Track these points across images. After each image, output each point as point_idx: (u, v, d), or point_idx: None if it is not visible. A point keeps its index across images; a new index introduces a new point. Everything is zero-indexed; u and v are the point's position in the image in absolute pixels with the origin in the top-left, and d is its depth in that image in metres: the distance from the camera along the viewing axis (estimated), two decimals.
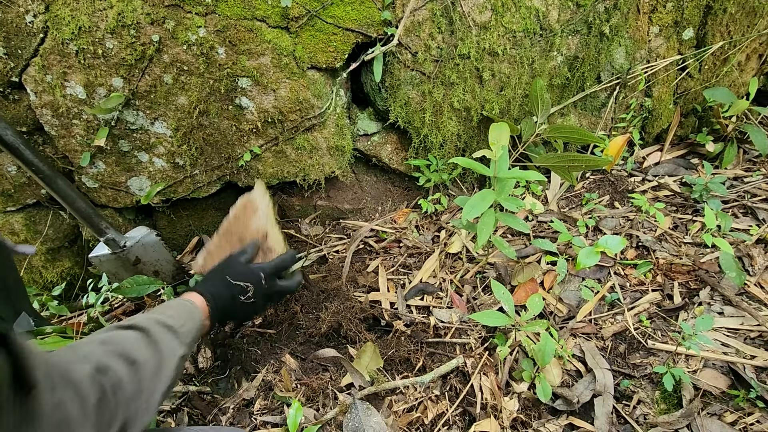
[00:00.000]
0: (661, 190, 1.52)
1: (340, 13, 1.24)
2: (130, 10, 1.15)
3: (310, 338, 1.22)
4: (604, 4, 1.36)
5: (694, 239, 1.31)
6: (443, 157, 1.53)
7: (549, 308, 1.21)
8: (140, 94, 1.27)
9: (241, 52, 1.23)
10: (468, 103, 1.43)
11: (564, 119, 1.56)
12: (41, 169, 0.81)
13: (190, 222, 1.65)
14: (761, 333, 1.05)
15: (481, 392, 1.03)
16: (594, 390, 1.02)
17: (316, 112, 1.36)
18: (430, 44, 1.33)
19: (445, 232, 1.51)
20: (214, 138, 1.37)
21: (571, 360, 1.09)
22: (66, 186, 0.86)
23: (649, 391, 1.01)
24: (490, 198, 1.09)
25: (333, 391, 1.06)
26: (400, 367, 1.11)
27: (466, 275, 1.35)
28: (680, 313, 1.14)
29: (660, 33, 1.46)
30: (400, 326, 1.20)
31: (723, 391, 0.97)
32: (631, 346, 1.11)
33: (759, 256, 1.20)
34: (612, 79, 1.50)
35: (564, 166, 1.34)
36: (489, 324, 1.07)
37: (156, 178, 1.43)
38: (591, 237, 1.39)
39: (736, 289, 1.15)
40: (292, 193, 1.62)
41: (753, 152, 1.59)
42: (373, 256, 1.48)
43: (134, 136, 1.35)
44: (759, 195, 1.40)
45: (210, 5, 1.18)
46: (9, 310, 0.84)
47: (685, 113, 1.65)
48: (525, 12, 1.32)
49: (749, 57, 1.56)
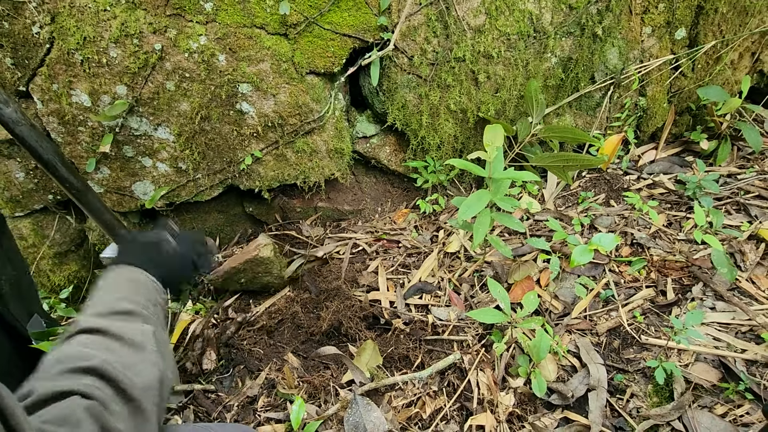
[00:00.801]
0: (656, 187, 1.54)
1: (337, 19, 1.27)
2: (133, 20, 1.18)
3: (311, 337, 1.25)
4: (596, 6, 1.39)
5: (687, 236, 1.34)
6: (441, 158, 1.56)
7: (545, 305, 1.24)
8: (144, 101, 1.30)
9: (241, 59, 1.26)
10: (464, 104, 1.46)
11: (560, 119, 1.59)
12: (75, 185, 0.84)
13: (194, 225, 1.68)
14: (752, 327, 1.08)
15: (478, 387, 1.06)
16: (588, 384, 1.04)
17: (315, 116, 1.39)
18: (426, 48, 1.36)
19: (444, 232, 1.54)
20: (215, 142, 1.41)
21: (566, 355, 1.12)
22: (95, 199, 0.89)
23: (642, 384, 1.04)
24: (485, 198, 1.12)
25: (334, 387, 1.09)
26: (400, 364, 1.14)
27: (464, 274, 1.38)
28: (673, 309, 1.17)
29: (653, 33, 1.48)
30: (399, 324, 1.23)
31: (714, 384, 0.99)
32: (625, 341, 1.13)
33: (750, 252, 1.22)
34: (606, 79, 1.52)
35: (559, 166, 1.37)
36: (486, 321, 1.10)
37: (160, 183, 1.47)
38: (586, 235, 1.41)
39: (728, 285, 1.17)
40: (292, 196, 1.65)
41: (747, 149, 1.61)
42: (372, 256, 1.51)
43: (138, 142, 1.38)
44: (752, 192, 1.42)
45: (210, 14, 1.21)
46: (23, 311, 0.87)
47: (680, 112, 1.67)
48: (518, 15, 1.35)
49: (742, 55, 1.58)
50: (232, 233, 1.73)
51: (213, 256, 1.00)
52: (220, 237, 1.72)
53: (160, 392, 0.58)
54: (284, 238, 1.63)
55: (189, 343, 1.29)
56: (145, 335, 0.62)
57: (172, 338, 1.30)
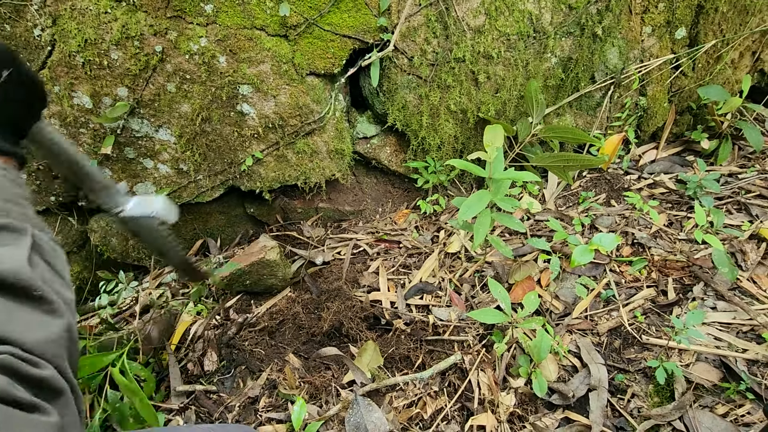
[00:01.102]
0: (657, 187, 1.54)
1: (337, 20, 1.27)
2: (133, 23, 1.19)
3: (312, 337, 1.25)
4: (596, 6, 1.39)
5: (688, 236, 1.33)
6: (441, 158, 1.56)
7: (545, 305, 1.24)
8: (145, 103, 1.31)
9: (242, 60, 1.27)
10: (464, 105, 1.46)
11: (560, 119, 1.59)
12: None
13: (195, 226, 1.69)
14: (753, 327, 1.08)
15: (479, 388, 1.06)
16: (589, 384, 1.04)
17: (315, 117, 1.40)
18: (426, 48, 1.36)
19: (444, 232, 1.54)
20: (216, 144, 1.41)
21: (567, 355, 1.12)
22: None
23: (643, 384, 1.04)
24: (485, 199, 1.12)
25: (335, 388, 1.09)
26: (400, 365, 1.14)
27: (464, 274, 1.38)
28: (674, 309, 1.17)
29: (653, 33, 1.48)
30: (400, 325, 1.23)
31: (715, 384, 0.99)
32: (626, 341, 1.13)
33: (751, 252, 1.22)
34: (606, 79, 1.52)
35: (560, 166, 1.37)
36: (486, 321, 1.10)
37: (161, 184, 1.47)
38: (587, 235, 1.41)
39: (729, 284, 1.17)
40: (293, 196, 1.66)
41: (747, 149, 1.61)
42: (373, 256, 1.52)
43: (139, 144, 1.39)
44: (752, 191, 1.42)
45: (211, 16, 1.21)
46: None
47: (680, 111, 1.67)
48: (518, 15, 1.35)
49: (742, 54, 1.58)
50: (233, 234, 1.73)
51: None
52: (221, 238, 1.72)
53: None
54: (285, 238, 1.64)
55: (190, 344, 1.29)
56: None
57: (174, 339, 1.31)
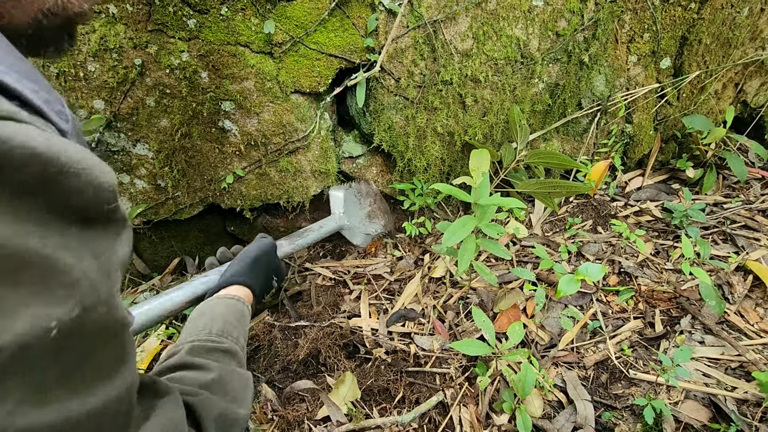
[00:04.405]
0: (643, 215, 1.53)
1: (324, 39, 1.26)
2: (112, 35, 1.15)
3: (288, 366, 1.19)
4: (583, 34, 1.40)
5: (675, 266, 1.32)
6: (427, 180, 1.53)
7: (531, 336, 1.20)
8: (122, 117, 1.26)
9: (225, 77, 1.24)
10: (451, 127, 1.44)
11: (547, 144, 1.58)
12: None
13: (173, 243, 1.63)
14: (741, 363, 1.05)
15: (461, 425, 1.01)
16: (575, 422, 1.00)
17: (299, 136, 1.36)
18: (413, 70, 1.35)
19: (429, 256, 1.50)
20: (196, 160, 1.37)
21: (552, 390, 1.07)
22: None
23: (631, 423, 0.99)
24: (470, 224, 1.09)
25: (308, 425, 1.03)
26: (379, 398, 1.08)
27: (449, 300, 1.34)
28: (662, 342, 1.13)
29: (638, 62, 1.50)
30: (381, 354, 1.18)
31: (704, 424, 0.96)
32: (613, 375, 1.09)
33: (738, 284, 1.20)
34: (593, 105, 1.53)
35: (545, 192, 1.35)
36: (469, 353, 1.05)
37: (137, 200, 1.42)
38: (573, 263, 1.39)
39: (717, 318, 1.15)
40: (276, 215, 1.61)
41: (732, 178, 1.61)
42: (356, 279, 1.47)
43: (115, 158, 1.33)
44: (738, 221, 1.41)
45: (193, 30, 1.18)
46: None
47: (666, 139, 1.68)
48: (506, 40, 1.35)
49: (725, 86, 1.60)
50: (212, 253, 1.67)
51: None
52: (200, 256, 1.66)
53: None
54: None
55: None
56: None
57: (143, 364, 1.23)
